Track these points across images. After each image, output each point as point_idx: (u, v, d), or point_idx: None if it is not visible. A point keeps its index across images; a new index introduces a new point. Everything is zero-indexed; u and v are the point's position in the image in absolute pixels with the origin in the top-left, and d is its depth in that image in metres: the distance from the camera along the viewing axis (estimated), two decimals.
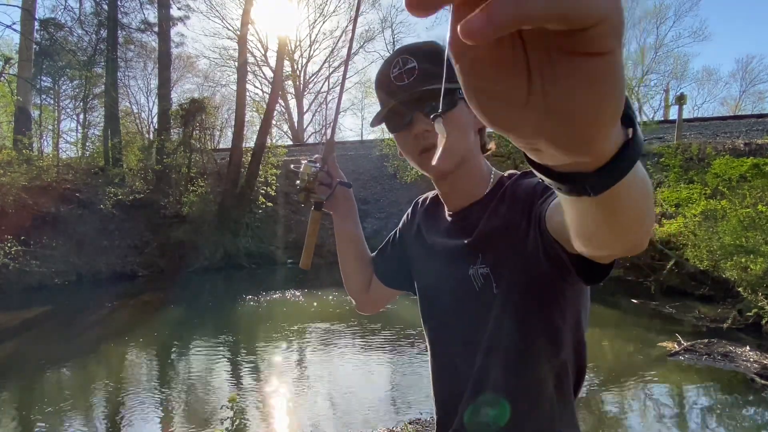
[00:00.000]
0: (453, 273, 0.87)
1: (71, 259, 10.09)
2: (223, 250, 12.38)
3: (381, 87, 0.87)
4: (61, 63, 15.54)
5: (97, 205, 11.23)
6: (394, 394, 4.50)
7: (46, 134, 16.95)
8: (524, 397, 0.80)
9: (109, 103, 14.37)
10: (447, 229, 0.93)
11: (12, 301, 8.48)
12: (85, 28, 15.20)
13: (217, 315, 7.97)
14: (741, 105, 29.47)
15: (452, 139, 0.83)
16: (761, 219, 6.71)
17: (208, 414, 4.05)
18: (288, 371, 5.29)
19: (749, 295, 5.99)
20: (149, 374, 5.35)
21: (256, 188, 13.89)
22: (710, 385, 4.57)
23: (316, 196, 1.08)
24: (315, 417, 3.93)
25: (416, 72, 0.81)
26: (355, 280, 1.16)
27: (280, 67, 16.04)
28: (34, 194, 10.35)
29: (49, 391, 4.75)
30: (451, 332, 0.91)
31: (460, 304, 0.87)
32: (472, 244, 0.85)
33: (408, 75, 0.82)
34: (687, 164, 9.80)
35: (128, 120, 20.28)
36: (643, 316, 6.96)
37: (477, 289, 0.83)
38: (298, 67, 31.10)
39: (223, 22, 29.13)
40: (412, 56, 0.82)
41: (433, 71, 0.81)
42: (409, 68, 0.82)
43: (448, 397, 0.91)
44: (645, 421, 3.91)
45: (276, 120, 24.60)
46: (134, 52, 18.93)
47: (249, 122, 17.05)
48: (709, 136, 12.19)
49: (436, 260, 0.93)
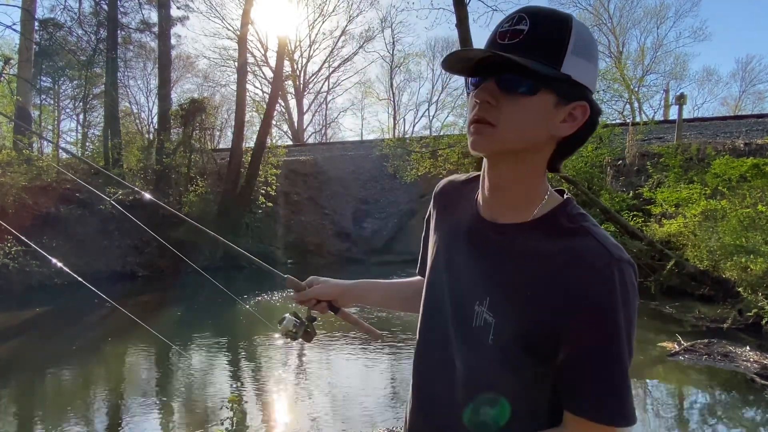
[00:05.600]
0: (457, 295, 0.83)
1: (71, 259, 10.08)
2: (223, 250, 12.38)
3: (489, 39, 0.74)
4: (61, 63, 15.54)
5: (97, 205, 11.23)
6: (394, 394, 4.50)
7: (46, 134, 16.96)
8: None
9: (109, 103, 14.36)
10: (470, 232, 0.83)
11: (12, 301, 8.48)
12: (84, 28, 15.20)
13: (217, 315, 7.97)
14: (741, 105, 29.52)
15: (510, 125, 0.71)
16: (761, 219, 6.72)
17: (208, 414, 4.05)
18: (288, 371, 5.29)
19: (749, 295, 5.99)
20: (149, 374, 5.35)
21: (256, 188, 13.90)
22: (710, 385, 4.57)
23: (313, 327, 1.14)
24: (315, 417, 3.93)
25: (521, 36, 0.69)
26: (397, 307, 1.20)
27: (280, 67, 16.04)
28: (34, 194, 10.35)
29: (49, 391, 4.75)
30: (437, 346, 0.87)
31: (454, 328, 0.83)
32: (487, 283, 0.78)
33: (512, 35, 0.70)
34: (687, 164, 9.80)
35: (128, 120, 20.29)
36: (643, 316, 6.96)
37: (473, 326, 0.78)
38: (298, 67, 31.12)
39: (223, 22, 29.11)
40: (530, 18, 0.70)
41: (538, 44, 0.69)
42: (517, 29, 0.70)
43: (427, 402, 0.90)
44: (645, 421, 3.91)
45: (276, 120, 24.58)
46: (134, 52, 18.94)
47: (249, 122, 17.12)
48: (709, 136, 12.19)
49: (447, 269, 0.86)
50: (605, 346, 0.69)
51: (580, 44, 0.70)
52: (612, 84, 14.44)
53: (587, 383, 0.71)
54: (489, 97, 0.71)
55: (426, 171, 12.62)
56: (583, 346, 0.69)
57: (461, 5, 8.87)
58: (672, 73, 28.46)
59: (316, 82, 32.74)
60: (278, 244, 13.76)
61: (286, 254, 13.56)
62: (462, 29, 8.82)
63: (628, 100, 18.00)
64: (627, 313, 0.69)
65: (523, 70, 0.68)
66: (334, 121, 35.08)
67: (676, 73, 28.68)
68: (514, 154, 0.74)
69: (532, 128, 0.72)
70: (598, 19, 28.11)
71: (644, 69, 27.64)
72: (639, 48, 28.27)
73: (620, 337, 0.68)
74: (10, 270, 9.00)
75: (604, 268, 0.68)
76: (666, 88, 25.58)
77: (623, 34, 28.61)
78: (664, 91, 24.86)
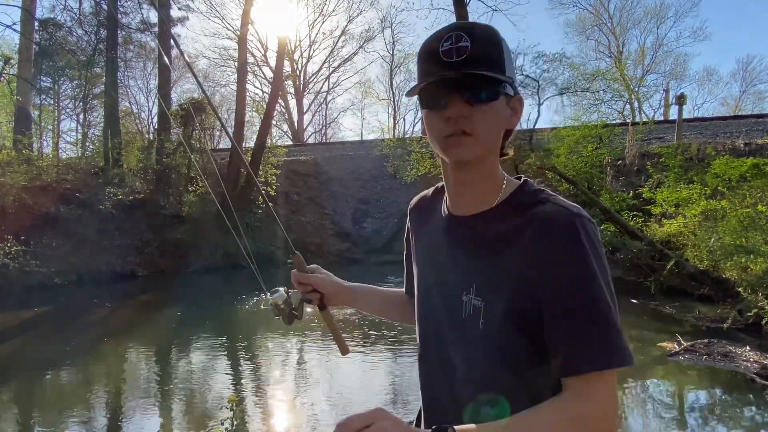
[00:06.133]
0: (446, 292, 0.86)
1: (71, 259, 10.08)
2: (223, 250, 12.38)
3: (426, 59, 0.80)
4: (61, 63, 15.54)
5: (97, 205, 11.23)
6: (394, 394, 4.51)
7: (46, 134, 16.97)
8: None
9: (108, 103, 14.36)
10: (447, 231, 0.89)
11: (12, 301, 8.47)
12: (84, 28, 15.20)
13: (217, 315, 7.97)
14: (741, 105, 29.50)
15: (485, 130, 0.78)
16: (761, 219, 6.72)
17: (208, 414, 4.05)
18: (288, 371, 5.29)
19: (749, 295, 5.98)
20: (149, 374, 5.35)
21: (256, 188, 13.90)
22: (710, 385, 4.58)
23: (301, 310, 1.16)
24: (315, 417, 3.93)
25: (467, 53, 0.76)
26: (394, 317, 1.22)
27: (280, 67, 16.04)
28: (34, 194, 10.34)
29: (49, 391, 4.75)
30: (434, 349, 0.90)
31: (447, 324, 0.86)
32: (470, 272, 0.82)
33: (458, 53, 0.76)
34: (687, 164, 9.80)
35: (128, 120, 20.28)
36: (643, 316, 6.96)
37: (463, 317, 0.81)
38: (298, 67, 31.12)
39: (223, 22, 29.09)
40: (468, 35, 0.77)
41: (484, 56, 0.77)
42: (461, 47, 0.76)
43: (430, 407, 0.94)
44: (645, 421, 3.92)
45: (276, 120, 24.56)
46: (134, 52, 18.95)
47: (249, 122, 17.07)
48: (709, 136, 12.19)
49: (432, 270, 0.92)
50: (584, 292, 0.72)
51: (507, 49, 0.80)
52: (612, 84, 14.44)
53: (575, 337, 0.71)
54: (463, 112, 0.77)
55: (426, 171, 12.63)
56: (562, 298, 0.72)
57: (461, 5, 8.88)
58: (672, 73, 28.49)
59: (316, 82, 32.78)
60: (278, 244, 13.75)
61: (286, 254, 13.56)
62: None
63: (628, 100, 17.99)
64: (598, 260, 0.73)
65: (481, 78, 0.76)
66: (334, 121, 35.14)
67: (676, 73, 28.71)
68: (489, 154, 0.83)
69: (498, 128, 0.82)
70: (598, 19, 28.13)
71: (644, 69, 27.66)
72: (639, 48, 28.29)
73: (597, 282, 0.72)
74: (10, 270, 9.00)
75: (566, 224, 0.75)
76: (666, 88, 25.56)
77: (623, 34, 28.60)
78: (664, 91, 24.83)
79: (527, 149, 10.60)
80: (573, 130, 11.61)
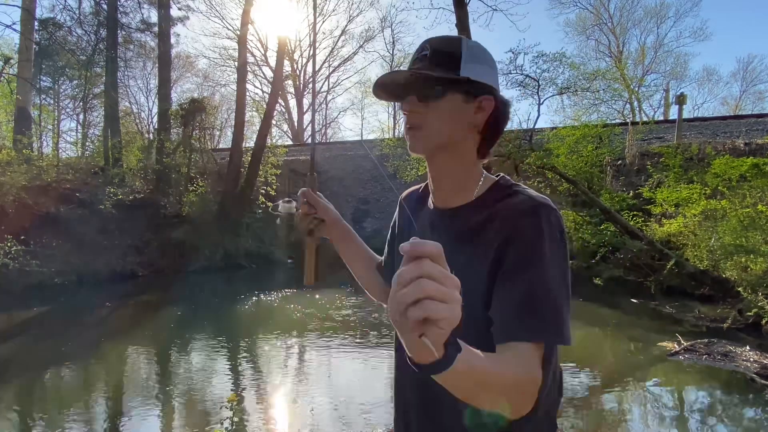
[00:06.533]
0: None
1: (71, 259, 10.08)
2: (223, 250, 12.38)
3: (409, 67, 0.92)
4: (61, 63, 15.53)
5: (97, 205, 11.22)
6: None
7: (46, 134, 16.96)
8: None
9: (108, 103, 14.36)
10: (432, 224, 0.96)
11: (12, 301, 8.47)
12: (84, 28, 15.19)
13: (217, 315, 7.97)
14: (741, 105, 29.50)
15: (435, 124, 0.87)
16: (761, 219, 6.72)
17: (208, 414, 4.05)
18: (288, 371, 5.28)
19: (749, 295, 5.99)
20: (149, 374, 5.35)
21: (256, 188, 13.90)
22: (710, 385, 4.57)
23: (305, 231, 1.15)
24: (315, 417, 3.93)
25: (425, 59, 0.88)
26: (373, 288, 1.23)
27: (280, 67, 16.03)
28: (34, 194, 10.34)
29: (49, 391, 4.75)
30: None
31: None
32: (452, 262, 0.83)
33: (420, 60, 0.88)
34: (687, 164, 9.79)
35: (128, 120, 20.29)
36: (643, 316, 6.96)
37: None
38: (298, 67, 31.11)
39: (223, 22, 29.19)
40: (430, 44, 0.88)
41: (438, 60, 0.86)
42: (423, 55, 0.88)
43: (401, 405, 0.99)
44: (645, 421, 3.91)
45: (276, 120, 24.58)
46: (134, 52, 18.93)
47: (249, 122, 17.10)
48: (709, 136, 12.19)
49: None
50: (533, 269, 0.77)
51: (472, 54, 0.87)
52: (612, 84, 14.41)
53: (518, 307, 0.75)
54: (414, 107, 0.88)
55: (426, 171, 12.58)
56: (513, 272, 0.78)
57: (461, 5, 8.87)
58: (672, 72, 28.51)
59: (316, 82, 32.75)
60: (278, 244, 13.75)
61: (286, 254, 13.57)
62: (462, 29, 8.82)
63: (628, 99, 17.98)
64: (553, 244, 0.79)
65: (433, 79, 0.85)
66: (334, 120, 35.14)
67: (676, 73, 28.73)
68: (443, 148, 0.89)
69: (449, 123, 0.87)
70: (598, 19, 28.13)
71: (644, 69, 27.69)
72: (639, 48, 28.29)
73: (547, 263, 0.77)
74: (10, 270, 8.99)
75: (530, 209, 0.81)
76: (666, 87, 25.56)
77: (623, 34, 28.59)
78: (664, 90, 24.83)
79: (527, 149, 10.58)
80: (573, 130, 11.60)
